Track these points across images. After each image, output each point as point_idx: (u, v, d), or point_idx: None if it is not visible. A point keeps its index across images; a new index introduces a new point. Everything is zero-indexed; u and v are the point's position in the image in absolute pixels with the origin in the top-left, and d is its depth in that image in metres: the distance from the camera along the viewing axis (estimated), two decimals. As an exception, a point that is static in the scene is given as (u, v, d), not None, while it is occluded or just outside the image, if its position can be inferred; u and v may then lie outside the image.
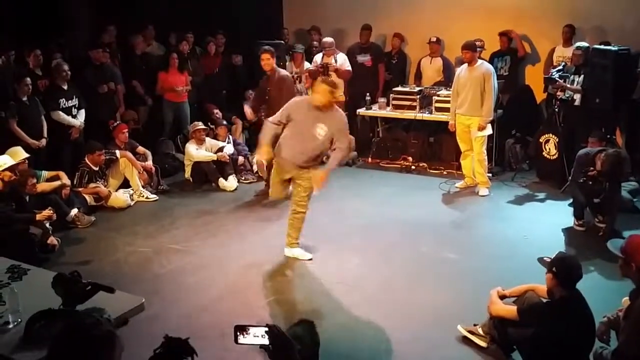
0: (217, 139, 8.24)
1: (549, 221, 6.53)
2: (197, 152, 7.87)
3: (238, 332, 2.19)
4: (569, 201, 6.58)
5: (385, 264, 5.60)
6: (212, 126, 8.46)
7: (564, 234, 6.24)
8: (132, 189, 7.35)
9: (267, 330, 2.16)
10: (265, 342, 2.16)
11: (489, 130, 7.34)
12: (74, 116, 7.36)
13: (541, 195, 7.37)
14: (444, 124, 7.87)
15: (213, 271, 5.53)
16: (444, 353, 4.23)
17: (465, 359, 4.14)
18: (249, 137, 8.95)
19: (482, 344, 4.19)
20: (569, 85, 7.44)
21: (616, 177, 5.94)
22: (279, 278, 5.39)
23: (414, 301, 4.93)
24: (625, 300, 3.62)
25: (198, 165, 7.87)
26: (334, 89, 5.32)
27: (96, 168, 7.12)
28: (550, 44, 8.63)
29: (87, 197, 6.95)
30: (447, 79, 8.78)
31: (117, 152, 7.32)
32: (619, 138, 7.64)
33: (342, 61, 8.70)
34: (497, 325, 4.03)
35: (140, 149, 7.75)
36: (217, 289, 5.19)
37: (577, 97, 7.43)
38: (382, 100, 8.76)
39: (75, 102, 7.38)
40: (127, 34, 8.78)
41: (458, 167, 7.94)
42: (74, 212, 6.47)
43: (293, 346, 2.20)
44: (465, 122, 7.36)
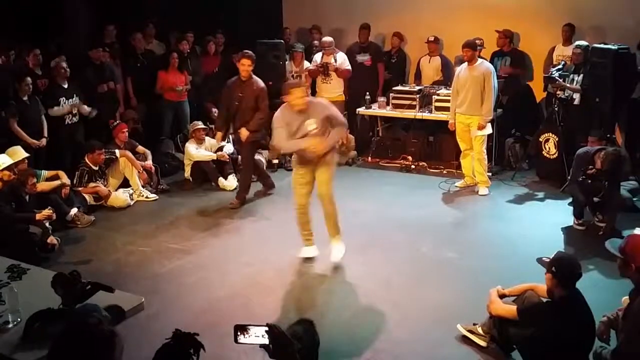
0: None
1: (548, 220, 6.53)
2: (197, 151, 7.87)
3: (238, 332, 2.19)
4: (569, 200, 6.58)
5: (385, 263, 5.60)
6: (212, 125, 8.45)
7: (564, 233, 6.24)
8: (132, 189, 7.35)
9: (267, 329, 2.16)
10: (266, 341, 2.16)
11: (488, 130, 7.34)
12: (74, 115, 7.37)
13: (541, 195, 7.37)
14: (443, 123, 7.86)
15: (213, 270, 5.53)
16: (443, 352, 4.23)
17: (465, 359, 4.14)
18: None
19: (481, 343, 4.19)
20: (568, 84, 7.45)
21: (616, 176, 5.95)
22: (279, 277, 5.38)
23: (413, 300, 4.93)
24: (624, 300, 3.62)
25: (198, 165, 7.87)
26: (302, 91, 5.32)
27: (96, 167, 7.12)
28: (550, 43, 8.63)
29: (86, 196, 6.95)
30: (446, 78, 8.78)
31: (117, 152, 7.32)
32: (619, 137, 7.64)
33: (341, 60, 8.70)
34: (497, 325, 4.03)
35: (140, 148, 7.74)
36: (216, 288, 5.19)
37: (576, 96, 7.43)
38: (382, 99, 8.76)
39: (76, 100, 7.38)
40: (128, 33, 8.77)
41: (458, 167, 7.93)
42: (73, 211, 6.47)
43: (293, 346, 2.20)
44: (465, 121, 7.36)
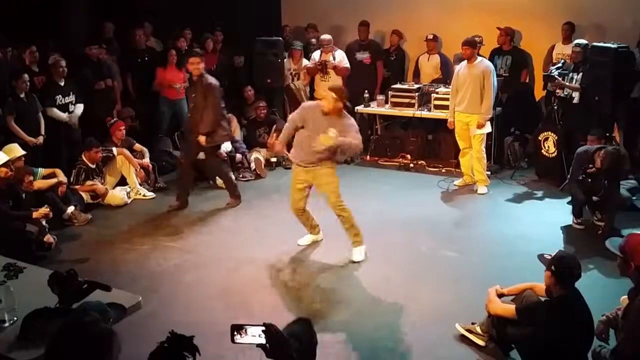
0: (215, 136, 8.20)
1: (547, 219, 6.52)
2: (195, 149, 7.84)
3: (235, 332, 2.18)
4: (568, 199, 6.57)
5: (384, 262, 5.58)
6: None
7: (563, 232, 6.23)
8: (129, 187, 7.33)
9: (264, 329, 2.14)
10: (262, 341, 2.14)
11: (488, 128, 7.32)
12: (70, 112, 7.34)
13: (540, 193, 7.36)
14: (442, 122, 7.85)
15: (210, 269, 5.51)
16: (442, 351, 4.22)
17: (464, 358, 4.13)
18: (247, 135, 8.92)
19: (480, 342, 4.18)
20: (567, 83, 7.44)
21: (616, 174, 5.94)
22: (277, 276, 5.37)
23: (412, 299, 4.92)
24: (624, 299, 3.62)
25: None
26: (337, 98, 5.25)
27: (93, 165, 7.09)
28: (549, 41, 8.61)
29: (83, 194, 6.92)
30: (445, 76, 8.77)
31: (114, 150, 7.29)
32: (618, 136, 7.63)
33: (340, 58, 8.69)
34: (496, 324, 4.03)
35: (137, 146, 7.71)
36: (214, 287, 5.17)
37: (575, 95, 7.42)
38: (381, 97, 8.74)
39: (72, 98, 7.35)
40: (125, 30, 8.74)
41: (457, 165, 7.92)
42: (70, 209, 6.44)
43: (290, 345, 2.18)
44: (464, 119, 7.34)
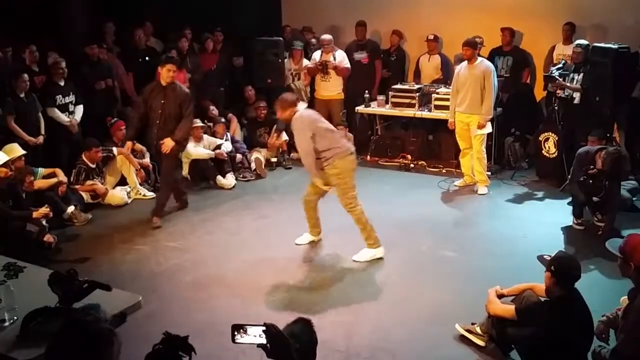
0: (215, 136, 8.21)
1: (548, 220, 6.52)
2: (195, 149, 7.84)
3: (235, 332, 2.17)
4: (568, 200, 6.57)
5: (384, 262, 5.58)
6: (210, 123, 8.43)
7: (563, 232, 6.23)
8: (129, 187, 7.33)
9: (264, 329, 2.14)
10: (263, 341, 2.14)
11: (488, 129, 7.32)
12: (70, 112, 7.34)
13: (540, 194, 7.36)
14: (443, 122, 7.85)
15: (210, 269, 5.51)
16: (441, 352, 4.22)
17: (463, 358, 4.13)
18: (247, 135, 8.93)
19: (480, 343, 4.18)
20: (568, 83, 7.43)
21: (616, 175, 5.94)
22: (277, 276, 5.36)
23: (412, 299, 4.92)
24: (624, 300, 3.62)
25: (196, 163, 7.84)
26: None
27: (93, 165, 7.09)
28: (550, 42, 8.61)
29: (83, 194, 6.92)
30: (445, 77, 8.77)
31: (114, 149, 7.30)
32: (619, 136, 7.63)
33: (340, 58, 8.69)
34: (495, 324, 4.03)
35: (137, 146, 7.70)
36: (214, 287, 5.17)
37: (576, 96, 7.42)
38: (382, 97, 8.74)
39: (72, 98, 7.34)
40: (126, 30, 8.74)
41: (457, 166, 7.92)
42: (70, 209, 6.44)
43: (290, 345, 2.18)
44: (464, 120, 7.34)
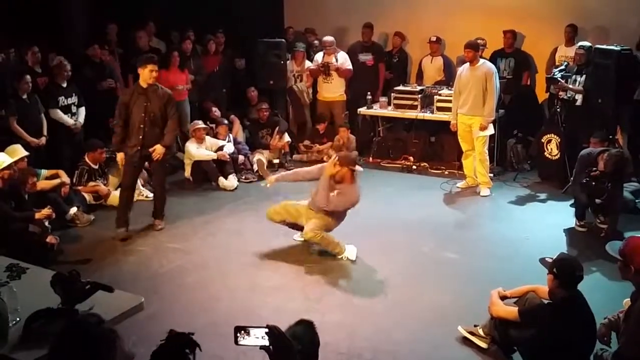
0: (218, 138, 8.22)
1: (550, 222, 6.51)
2: (197, 151, 7.85)
3: (238, 333, 2.18)
4: (571, 202, 6.55)
5: (386, 264, 5.58)
6: (212, 125, 8.44)
7: (566, 234, 6.22)
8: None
9: (267, 331, 2.14)
10: (266, 343, 2.14)
11: (490, 130, 7.32)
12: (73, 114, 7.35)
13: (543, 196, 7.35)
14: (445, 124, 7.84)
15: (212, 271, 5.51)
16: (444, 354, 4.22)
17: (466, 360, 4.13)
18: (249, 136, 8.93)
19: (482, 345, 4.17)
20: (570, 85, 7.43)
21: (619, 177, 5.92)
22: (279, 278, 5.37)
23: (414, 301, 4.92)
24: (626, 302, 3.62)
25: (198, 164, 7.85)
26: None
27: (96, 166, 7.10)
28: (552, 44, 8.61)
29: (86, 195, 6.93)
30: (448, 78, 8.76)
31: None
32: (621, 138, 7.62)
33: (342, 60, 8.69)
34: (498, 326, 4.02)
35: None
36: (216, 288, 5.17)
37: (578, 97, 7.41)
38: (384, 99, 8.74)
39: (75, 99, 7.36)
40: (128, 31, 8.76)
41: (459, 167, 7.92)
42: (73, 210, 6.45)
43: (293, 347, 2.19)
44: (466, 121, 7.34)
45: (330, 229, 5.64)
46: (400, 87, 8.74)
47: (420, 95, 8.37)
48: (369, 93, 8.77)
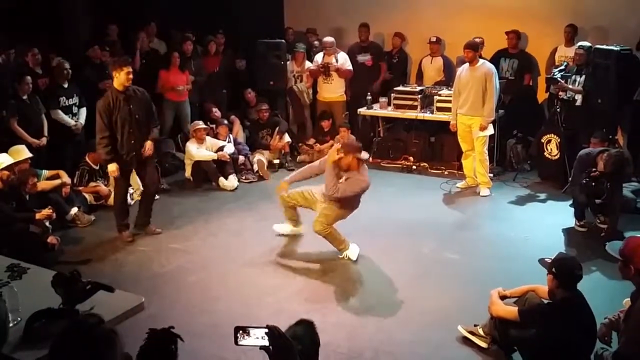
0: (218, 138, 8.23)
1: (550, 222, 6.51)
2: (198, 151, 7.86)
3: (238, 334, 2.18)
4: (571, 202, 6.55)
5: (386, 264, 5.59)
6: (213, 125, 8.45)
7: (565, 234, 6.23)
8: (133, 188, 7.31)
9: (267, 331, 2.15)
10: (266, 343, 2.14)
11: (490, 130, 7.32)
12: (74, 114, 7.36)
13: (542, 196, 7.35)
14: (445, 124, 7.85)
15: (213, 271, 5.52)
16: (444, 353, 4.22)
17: (466, 360, 4.13)
18: (250, 137, 8.94)
19: (482, 344, 4.18)
20: (570, 85, 7.43)
21: (619, 177, 5.93)
22: (279, 278, 5.38)
23: (414, 301, 4.92)
24: (626, 302, 3.62)
25: (198, 165, 7.86)
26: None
27: (96, 167, 7.11)
28: (552, 44, 8.61)
29: (87, 196, 6.94)
30: (448, 79, 8.76)
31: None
32: (621, 138, 7.62)
33: (343, 60, 8.70)
34: (498, 326, 4.02)
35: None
36: (217, 288, 5.18)
37: (578, 97, 7.41)
38: (384, 99, 8.74)
39: (76, 100, 7.37)
40: (129, 32, 8.76)
41: (459, 167, 7.92)
42: (74, 211, 6.46)
43: (293, 347, 2.19)
44: (466, 122, 7.34)
45: (344, 217, 5.65)
46: (400, 88, 8.74)
47: (420, 96, 8.37)
48: (368, 93, 8.77)
